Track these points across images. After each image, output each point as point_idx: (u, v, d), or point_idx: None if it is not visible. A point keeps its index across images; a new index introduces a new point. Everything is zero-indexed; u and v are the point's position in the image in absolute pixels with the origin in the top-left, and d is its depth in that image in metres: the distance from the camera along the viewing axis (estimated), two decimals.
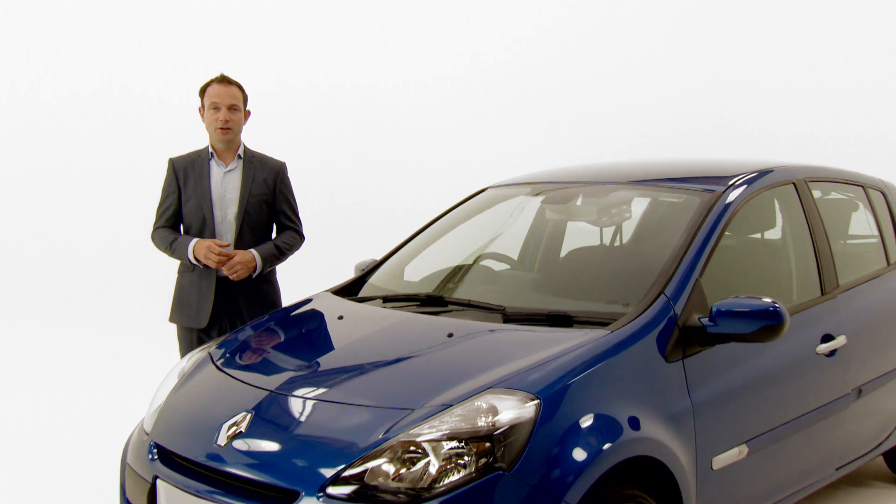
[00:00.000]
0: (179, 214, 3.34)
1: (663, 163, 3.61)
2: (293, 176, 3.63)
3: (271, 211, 3.40)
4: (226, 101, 3.22)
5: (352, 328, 2.81)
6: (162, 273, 4.46)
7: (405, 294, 3.08)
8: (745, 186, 2.96)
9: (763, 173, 3.10)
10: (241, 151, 3.36)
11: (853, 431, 3.12)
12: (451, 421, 2.10)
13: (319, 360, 2.60)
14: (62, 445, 4.47)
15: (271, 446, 2.24)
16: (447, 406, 2.15)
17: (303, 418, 2.31)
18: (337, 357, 2.60)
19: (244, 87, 3.35)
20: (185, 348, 3.39)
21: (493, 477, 2.01)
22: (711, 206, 2.82)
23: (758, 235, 3.23)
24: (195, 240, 3.22)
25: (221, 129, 3.22)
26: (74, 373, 5.92)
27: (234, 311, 3.34)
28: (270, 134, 7.06)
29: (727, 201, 2.86)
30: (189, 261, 3.24)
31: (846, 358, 3.02)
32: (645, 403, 2.33)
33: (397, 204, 8.77)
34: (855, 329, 3.10)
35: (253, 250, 3.27)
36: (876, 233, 3.66)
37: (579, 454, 2.11)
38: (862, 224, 3.70)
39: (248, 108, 3.38)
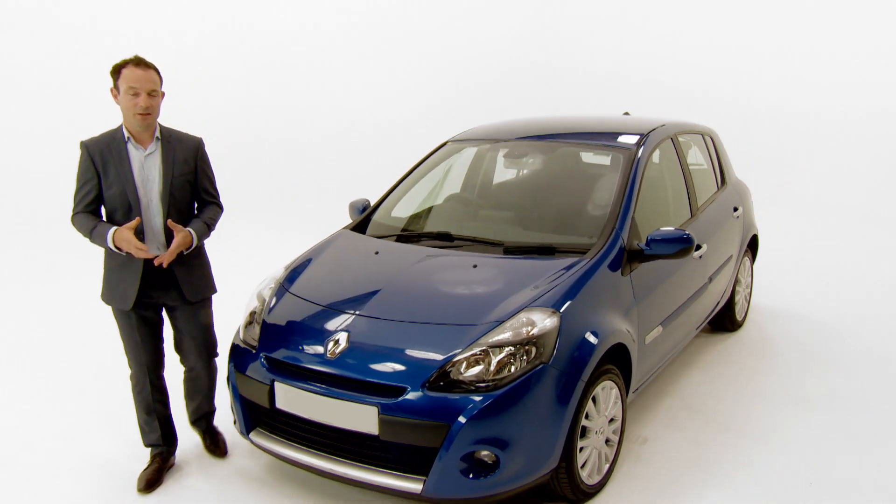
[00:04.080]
0: (100, 199, 2.97)
1: (579, 120, 4.29)
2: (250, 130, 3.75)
3: (193, 188, 3.11)
4: (145, 86, 2.87)
5: (393, 262, 3.28)
6: None
7: (420, 232, 3.57)
8: (646, 144, 3.74)
9: (652, 132, 3.87)
10: (157, 133, 3.01)
11: (704, 304, 4.16)
12: (503, 332, 2.73)
13: (382, 288, 3.07)
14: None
15: (374, 356, 2.77)
16: (499, 322, 2.78)
17: (392, 334, 2.84)
18: (394, 285, 3.08)
19: (159, 70, 3.00)
20: (124, 328, 3.10)
21: (539, 369, 2.69)
22: (632, 161, 3.57)
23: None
24: (113, 229, 2.88)
25: (141, 115, 2.89)
26: None
27: (167, 287, 3.06)
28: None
29: (638, 156, 3.63)
30: (111, 249, 2.94)
31: (706, 258, 4.00)
32: (613, 306, 3.10)
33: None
34: (708, 236, 4.07)
35: (190, 230, 3.02)
36: (706, 163, 4.64)
37: (586, 347, 2.85)
38: (695, 157, 4.64)
39: (162, 89, 3.01)
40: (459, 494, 2.65)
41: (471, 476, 2.62)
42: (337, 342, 2.82)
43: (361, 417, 2.67)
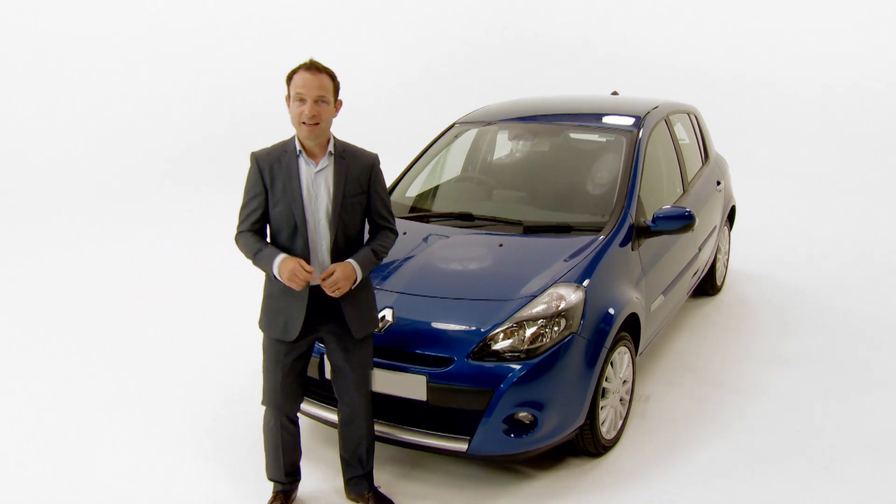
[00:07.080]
0: (266, 216, 2.70)
1: (578, 101, 4.52)
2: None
3: (365, 210, 2.78)
4: (312, 92, 2.56)
5: (422, 241, 3.49)
6: None
7: (440, 212, 3.78)
8: (645, 125, 4.00)
9: (650, 113, 4.13)
10: (331, 147, 2.68)
11: (693, 272, 4.48)
12: (536, 306, 2.99)
13: (417, 266, 3.29)
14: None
15: (420, 330, 3.00)
16: (532, 296, 3.03)
17: (434, 310, 3.07)
18: (429, 264, 3.30)
19: (336, 76, 2.68)
20: (272, 358, 2.80)
21: (569, 339, 2.96)
22: (635, 142, 3.83)
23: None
24: (281, 256, 2.61)
25: (306, 123, 2.57)
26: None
27: (331, 320, 2.75)
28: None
29: (639, 138, 3.89)
30: (274, 277, 2.66)
31: (696, 230, 4.31)
32: (627, 279, 3.39)
33: None
34: (698, 210, 4.38)
35: (352, 261, 2.66)
36: (690, 140, 4.95)
37: (608, 317, 3.14)
38: (680, 134, 4.94)
39: (339, 98, 2.69)
40: (501, 451, 2.92)
41: (512, 435, 2.89)
42: (383, 318, 3.04)
43: (411, 385, 2.91)
